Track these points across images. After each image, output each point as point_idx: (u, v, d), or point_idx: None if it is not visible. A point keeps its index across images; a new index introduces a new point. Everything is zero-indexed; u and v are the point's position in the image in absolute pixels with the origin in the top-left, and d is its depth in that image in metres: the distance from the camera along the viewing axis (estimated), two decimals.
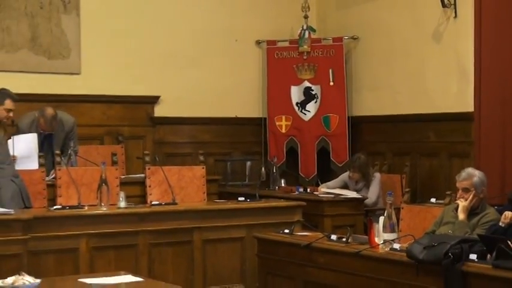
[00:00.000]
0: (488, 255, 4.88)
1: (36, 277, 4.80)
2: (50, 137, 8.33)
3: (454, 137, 8.79)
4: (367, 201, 8.53)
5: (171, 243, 6.94)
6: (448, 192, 7.13)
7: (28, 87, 8.76)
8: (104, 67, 9.46)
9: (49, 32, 9.26)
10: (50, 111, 8.26)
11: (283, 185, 9.46)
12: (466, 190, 5.93)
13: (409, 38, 9.41)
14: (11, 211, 6.53)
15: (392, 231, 5.50)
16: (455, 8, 8.77)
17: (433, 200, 7.45)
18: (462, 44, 8.66)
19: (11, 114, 8.03)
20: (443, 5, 8.79)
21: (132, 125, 9.70)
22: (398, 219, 6.01)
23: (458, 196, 6.03)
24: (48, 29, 9.25)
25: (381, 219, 5.58)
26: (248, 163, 9.90)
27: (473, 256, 4.86)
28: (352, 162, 9.00)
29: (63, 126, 8.39)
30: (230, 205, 7.51)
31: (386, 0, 9.74)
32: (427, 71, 9.20)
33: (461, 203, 5.91)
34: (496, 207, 6.07)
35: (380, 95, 9.83)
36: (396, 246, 5.38)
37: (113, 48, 9.52)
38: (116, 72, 9.53)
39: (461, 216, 5.88)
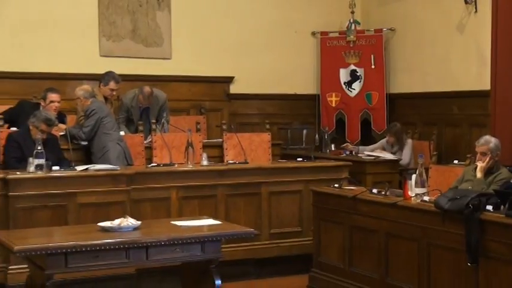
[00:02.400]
0: (502, 207, 4.83)
1: (137, 220, 4.88)
2: (147, 109, 8.39)
3: (474, 110, 8.66)
4: (401, 162, 8.46)
5: (243, 194, 6.96)
6: (469, 155, 7.08)
7: (130, 70, 8.83)
8: (190, 53, 9.49)
9: (146, 25, 9.32)
10: (147, 88, 8.33)
11: (333, 148, 9.42)
12: (483, 154, 5.87)
13: (437, 30, 9.28)
14: (117, 168, 6.64)
15: (423, 186, 5.48)
16: (475, 4, 8.62)
17: (455, 161, 7.41)
18: (481, 34, 8.48)
19: (114, 92, 8.18)
20: (466, 2, 8.67)
21: (212, 100, 9.72)
22: (427, 177, 5.96)
23: (477, 158, 5.97)
24: (145, 23, 9.31)
25: (413, 176, 5.56)
26: (305, 131, 9.87)
27: (489, 207, 4.82)
28: (389, 128, 8.98)
29: (158, 101, 8.44)
30: (290, 164, 7.48)
31: None
32: (451, 57, 9.07)
33: (480, 164, 5.86)
34: (508, 167, 6.01)
35: (413, 75, 9.73)
36: (426, 198, 5.36)
37: (197, 38, 9.54)
38: (200, 57, 9.55)
39: (479, 175, 5.83)
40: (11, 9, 8.59)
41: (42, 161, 6.16)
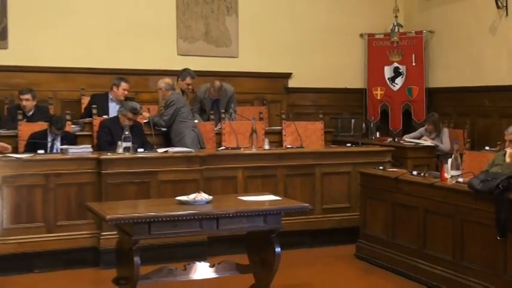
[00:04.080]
0: None
1: (209, 195, 4.92)
2: (217, 101, 8.43)
3: (504, 102, 8.47)
4: (444, 149, 8.23)
5: (299, 174, 6.94)
6: (499, 143, 6.96)
7: (203, 67, 8.87)
8: (254, 52, 9.49)
9: (217, 28, 9.35)
10: (217, 83, 8.37)
11: (377, 135, 9.37)
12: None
13: (471, 32, 9.09)
14: (192, 150, 6.70)
15: (458, 169, 5.41)
16: (506, 9, 8.43)
17: (487, 147, 7.30)
18: (511, 35, 8.31)
19: (190, 87, 8.26)
20: (498, 7, 8.48)
21: (273, 93, 9.71)
22: (461, 161, 5.87)
23: (506, 145, 5.86)
24: (216, 26, 9.34)
25: (449, 160, 5.48)
26: (353, 120, 9.79)
27: None
28: (428, 117, 8.79)
29: (226, 93, 8.47)
30: (340, 149, 7.45)
31: (455, 4, 9.40)
32: (484, 55, 8.88)
33: (509, 150, 5.72)
34: None
35: (449, 72, 9.55)
36: (460, 180, 5.29)
37: (260, 39, 9.54)
38: (262, 56, 9.54)
39: (508, 159, 5.67)
40: (104, 16, 8.74)
41: (129, 144, 6.25)
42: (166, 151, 6.50)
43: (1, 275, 5.72)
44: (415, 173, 5.86)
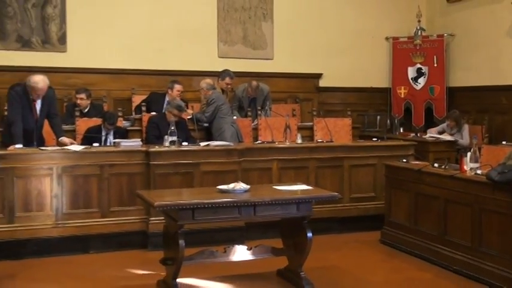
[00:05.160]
0: None
1: (246, 184, 4.93)
2: (254, 99, 8.43)
3: None
4: (463, 143, 8.11)
5: (329, 166, 6.91)
6: None
7: (241, 68, 8.87)
8: (287, 55, 9.47)
9: (254, 33, 9.36)
10: (254, 83, 8.37)
11: (401, 131, 9.28)
12: None
13: (489, 35, 8.94)
14: (231, 144, 6.71)
15: (476, 162, 5.33)
16: None
17: (504, 142, 7.20)
18: None
19: (229, 86, 8.27)
20: None
21: (305, 92, 9.67)
22: (480, 155, 5.78)
23: None
24: (253, 31, 9.35)
25: (469, 154, 5.40)
26: (378, 117, 9.70)
27: None
28: (450, 114, 8.64)
29: (263, 92, 8.47)
30: (367, 143, 7.37)
31: (474, 9, 9.26)
32: (501, 57, 8.73)
33: None
34: None
35: (468, 72, 9.41)
36: (479, 172, 5.22)
37: (293, 43, 9.51)
38: (295, 58, 9.52)
39: None
40: (152, 22, 8.81)
41: (174, 138, 6.29)
42: (208, 145, 6.52)
43: (60, 255, 5.83)
44: (436, 165, 5.80)
